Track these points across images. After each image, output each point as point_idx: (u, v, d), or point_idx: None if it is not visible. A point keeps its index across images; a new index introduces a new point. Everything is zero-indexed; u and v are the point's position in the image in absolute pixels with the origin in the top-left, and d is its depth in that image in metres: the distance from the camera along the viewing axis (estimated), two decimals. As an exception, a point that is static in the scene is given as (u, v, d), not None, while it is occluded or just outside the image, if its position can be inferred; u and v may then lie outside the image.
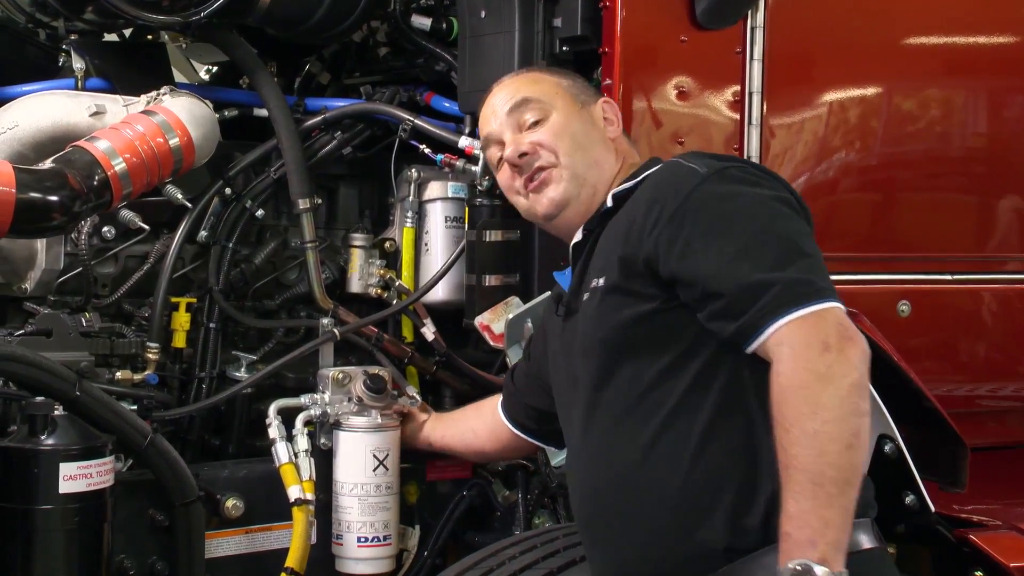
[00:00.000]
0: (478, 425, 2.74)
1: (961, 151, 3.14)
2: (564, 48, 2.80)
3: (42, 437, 2.33)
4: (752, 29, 2.79)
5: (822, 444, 1.84)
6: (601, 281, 2.15)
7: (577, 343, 2.22)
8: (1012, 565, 2.57)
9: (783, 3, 2.82)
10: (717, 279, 1.98)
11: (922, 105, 3.08)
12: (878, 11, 2.96)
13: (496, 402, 2.71)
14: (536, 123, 2.34)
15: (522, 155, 2.33)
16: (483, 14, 2.88)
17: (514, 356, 2.74)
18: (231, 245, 2.92)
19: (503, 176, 2.40)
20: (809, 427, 1.85)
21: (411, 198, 3.05)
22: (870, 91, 3.01)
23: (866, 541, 2.05)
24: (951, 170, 3.13)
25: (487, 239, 2.86)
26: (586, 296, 2.20)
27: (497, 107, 2.40)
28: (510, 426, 2.65)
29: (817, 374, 1.87)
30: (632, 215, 2.14)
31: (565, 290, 2.36)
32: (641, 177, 2.24)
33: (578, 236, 2.31)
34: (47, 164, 2.53)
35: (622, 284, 2.11)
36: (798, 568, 1.80)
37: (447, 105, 3.07)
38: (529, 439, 2.64)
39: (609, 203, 2.25)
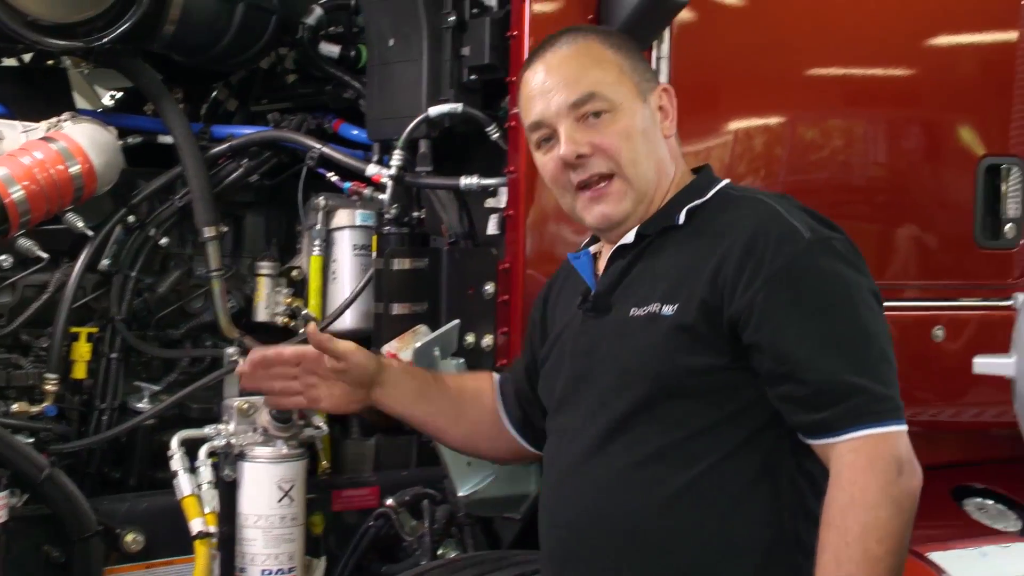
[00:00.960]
0: (479, 418, 2.47)
1: (862, 180, 3.20)
2: (472, 77, 2.80)
3: (-68, 472, 2.28)
4: (658, 59, 2.82)
5: (880, 572, 1.86)
6: (669, 310, 2.02)
7: (607, 354, 2.09)
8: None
9: (688, 34, 2.85)
10: (805, 366, 1.92)
11: (824, 135, 3.13)
12: (779, 44, 3.01)
13: (495, 400, 2.48)
14: (597, 114, 2.11)
15: (580, 156, 2.11)
16: (391, 42, 2.88)
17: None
18: (134, 274, 2.88)
19: (549, 165, 2.16)
20: (872, 551, 1.85)
21: (319, 226, 3.04)
22: (773, 121, 3.05)
23: None
24: (852, 199, 3.19)
25: (395, 267, 2.85)
26: (635, 311, 2.07)
27: (552, 91, 2.13)
28: (512, 431, 2.45)
29: (891, 498, 1.88)
30: (718, 255, 2.00)
31: (584, 278, 2.22)
32: (710, 195, 2.13)
33: (629, 238, 2.15)
34: (-59, 192, 2.48)
35: (697, 328, 1.99)
36: None
37: (355, 133, 3.07)
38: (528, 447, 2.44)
39: (681, 220, 2.11)
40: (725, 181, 2.20)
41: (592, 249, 2.28)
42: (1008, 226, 3.33)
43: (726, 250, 2.00)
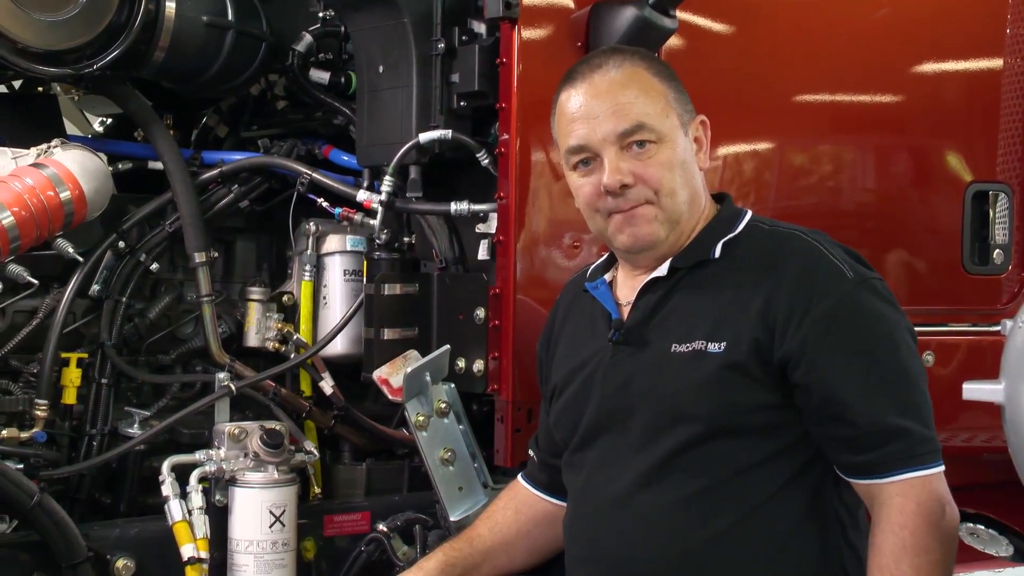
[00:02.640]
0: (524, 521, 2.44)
1: (851, 206, 3.21)
2: (462, 103, 2.81)
3: (-80, 498, 2.26)
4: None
5: None
6: (716, 348, 2.04)
7: (648, 390, 2.10)
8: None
9: (676, 60, 2.86)
10: (853, 408, 1.97)
11: (814, 161, 3.15)
12: (768, 70, 3.04)
13: (517, 488, 2.49)
14: (642, 144, 2.11)
15: (623, 186, 2.10)
16: (381, 69, 2.90)
17: (413, 410, 2.72)
18: (124, 299, 2.88)
19: (586, 188, 2.16)
20: None
21: (309, 251, 3.05)
22: (762, 147, 3.07)
23: None
24: (841, 224, 3.19)
25: (385, 292, 2.85)
26: (677, 347, 2.08)
27: (599, 117, 2.11)
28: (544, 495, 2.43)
29: (938, 540, 1.94)
30: (764, 292, 2.03)
31: (607, 308, 2.21)
32: (741, 229, 2.15)
33: (662, 271, 2.16)
34: (-69, 218, 2.48)
35: (749, 366, 2.02)
36: None
37: (345, 159, 3.08)
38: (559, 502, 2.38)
39: (717, 253, 2.13)
40: (749, 212, 2.22)
41: (607, 277, 2.28)
42: (996, 252, 3.35)
43: (772, 288, 2.03)
